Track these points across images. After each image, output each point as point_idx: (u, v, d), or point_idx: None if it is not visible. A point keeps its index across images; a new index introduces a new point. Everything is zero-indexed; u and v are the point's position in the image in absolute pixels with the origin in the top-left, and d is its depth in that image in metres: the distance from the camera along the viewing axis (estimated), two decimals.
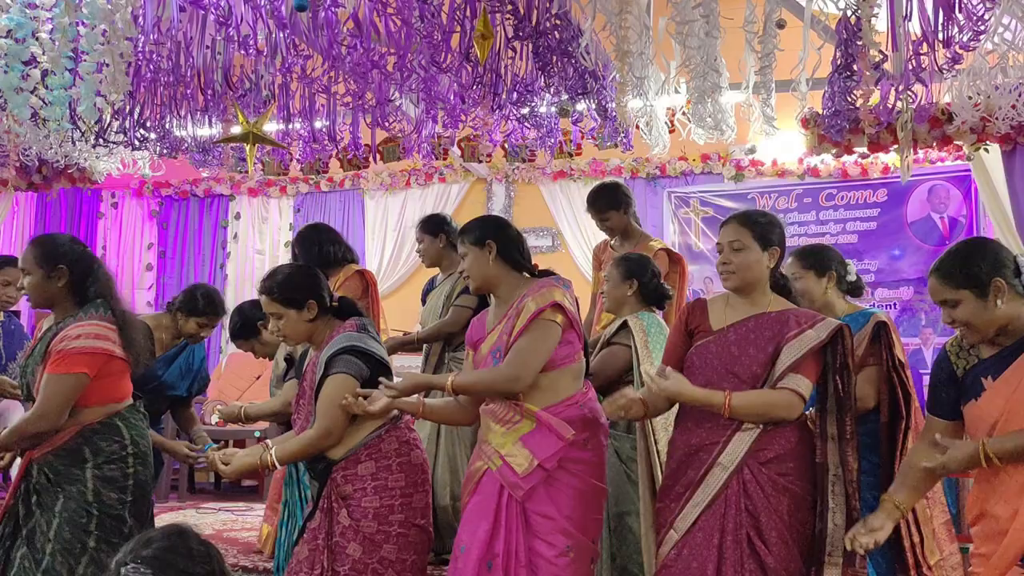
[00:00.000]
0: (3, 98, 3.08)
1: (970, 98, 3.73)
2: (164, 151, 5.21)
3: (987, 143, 4.73)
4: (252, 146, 4.12)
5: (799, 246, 3.48)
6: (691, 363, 2.61)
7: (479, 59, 3.28)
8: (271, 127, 4.85)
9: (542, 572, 2.59)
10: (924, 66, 3.19)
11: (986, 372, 2.26)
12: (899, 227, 6.64)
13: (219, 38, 3.67)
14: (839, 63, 3.37)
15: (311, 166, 5.69)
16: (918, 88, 3.42)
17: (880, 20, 3.17)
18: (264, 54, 3.72)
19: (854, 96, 3.67)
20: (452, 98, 4.44)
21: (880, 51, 3.19)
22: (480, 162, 6.15)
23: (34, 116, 3.59)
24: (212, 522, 5.66)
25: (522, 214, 7.46)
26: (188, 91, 4.23)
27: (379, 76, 3.85)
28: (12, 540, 2.75)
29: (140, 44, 3.55)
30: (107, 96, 3.09)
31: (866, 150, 5.01)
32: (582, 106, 4.66)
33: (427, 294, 4.58)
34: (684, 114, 4.36)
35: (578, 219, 7.22)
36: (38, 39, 3.01)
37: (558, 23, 3.61)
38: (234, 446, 4.10)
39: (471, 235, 2.84)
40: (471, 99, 4.33)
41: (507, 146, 5.44)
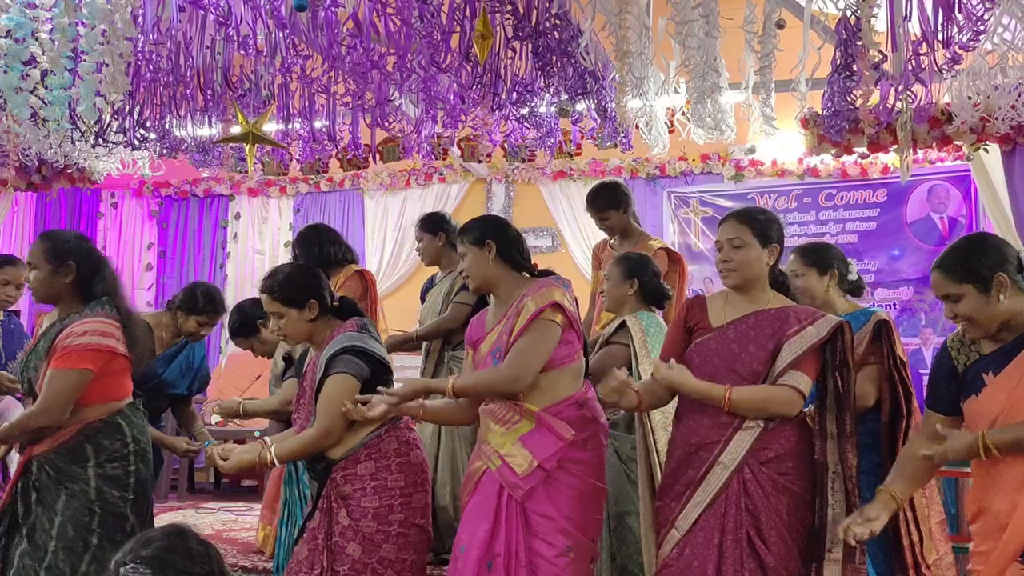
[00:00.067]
0: (3, 98, 3.08)
1: (970, 98, 3.73)
2: (164, 151, 5.21)
3: (987, 143, 4.73)
4: (252, 146, 4.12)
5: (798, 245, 3.48)
6: (691, 360, 2.60)
7: (479, 59, 3.28)
8: (271, 127, 4.85)
9: (542, 572, 2.59)
10: (924, 66, 3.19)
11: (987, 368, 2.26)
12: (899, 227, 6.64)
13: (219, 38, 3.67)
14: (839, 63, 3.37)
15: (311, 166, 5.69)
16: (918, 88, 3.42)
17: (880, 20, 3.17)
18: (264, 54, 3.73)
19: (854, 96, 3.67)
20: (452, 98, 4.44)
21: (880, 51, 3.19)
22: (480, 162, 6.15)
23: (34, 116, 3.59)
24: (212, 522, 5.66)
25: (522, 214, 7.45)
26: (188, 91, 4.23)
27: (379, 76, 3.85)
28: (10, 538, 2.75)
29: (140, 44, 3.55)
30: (107, 96, 3.10)
31: (866, 150, 5.02)
32: (582, 106, 4.66)
33: (426, 292, 4.58)
34: (684, 114, 4.36)
35: (578, 219, 7.22)
36: (38, 39, 3.01)
37: (558, 23, 3.62)
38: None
39: (470, 235, 2.84)
40: (471, 99, 4.33)
41: (507, 146, 5.44)
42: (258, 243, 8.17)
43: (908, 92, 3.39)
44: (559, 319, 2.69)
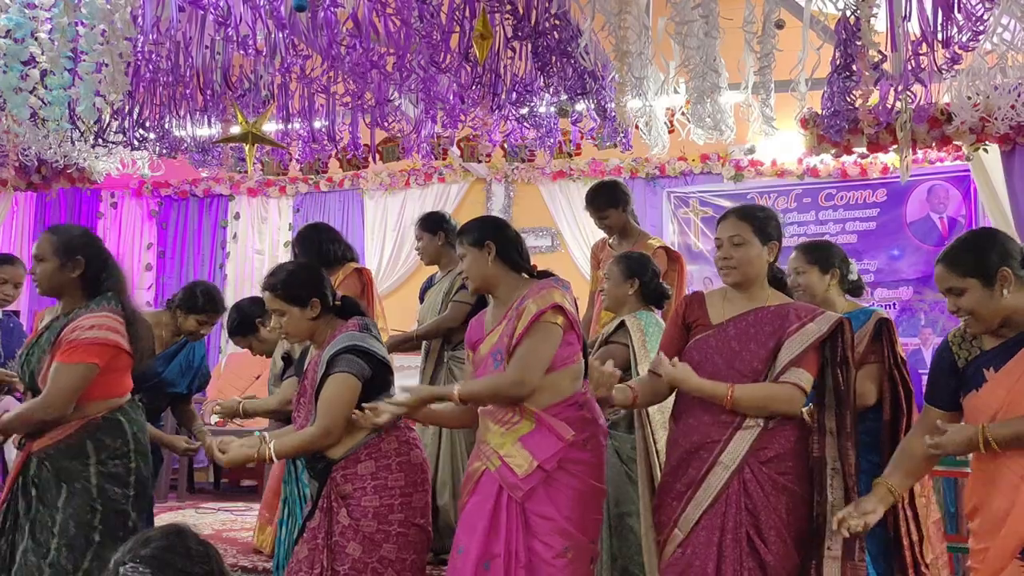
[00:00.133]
0: (2, 98, 3.08)
1: (969, 98, 3.73)
2: (163, 151, 5.21)
3: (986, 143, 4.74)
4: (251, 146, 4.12)
5: (801, 243, 3.48)
6: (690, 357, 2.60)
7: (478, 59, 3.28)
8: (270, 127, 4.85)
9: (541, 573, 2.58)
10: (923, 66, 3.19)
11: (988, 363, 2.27)
12: (898, 227, 6.64)
13: (218, 38, 3.67)
14: (838, 63, 3.37)
15: (310, 166, 5.69)
16: (917, 88, 3.42)
17: (879, 20, 3.18)
18: (263, 54, 3.73)
19: (853, 96, 3.67)
20: (451, 98, 4.44)
21: (879, 51, 3.19)
22: (479, 162, 6.16)
23: (33, 116, 3.60)
24: (211, 522, 5.66)
25: (521, 214, 7.46)
26: (187, 91, 4.24)
27: (378, 76, 3.85)
28: (13, 534, 2.75)
29: (139, 44, 3.55)
30: (106, 96, 3.10)
31: (865, 150, 5.02)
32: (581, 106, 4.66)
33: (425, 292, 4.58)
34: (683, 114, 4.36)
35: (577, 219, 7.22)
36: (37, 39, 3.01)
37: (557, 23, 3.62)
38: None
39: (470, 236, 2.84)
40: (470, 99, 4.33)
41: (506, 146, 5.44)
42: (258, 243, 8.17)
43: (908, 92, 3.39)
44: (560, 321, 2.69)
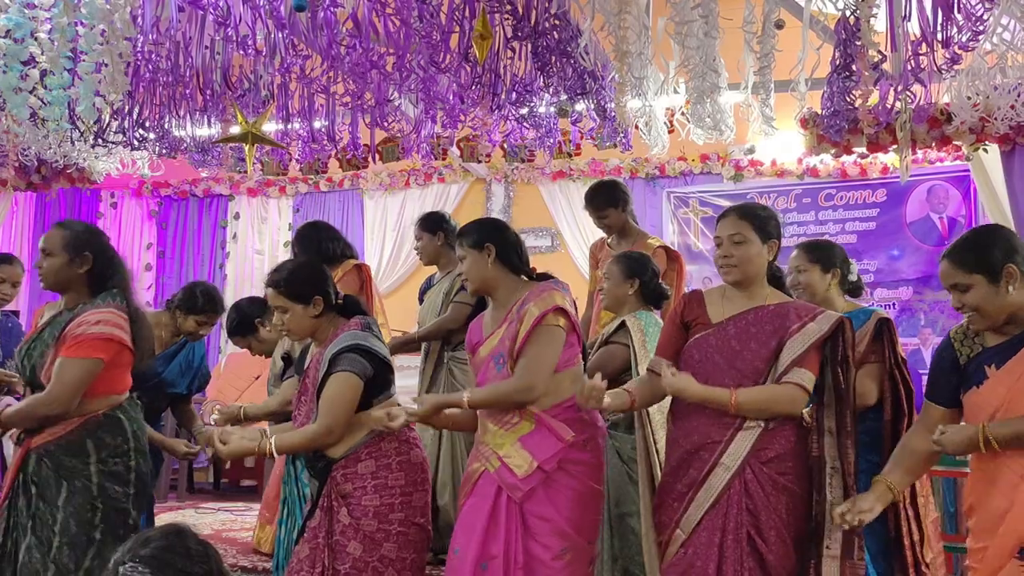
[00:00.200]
0: (2, 98, 3.08)
1: (969, 98, 3.72)
2: (163, 151, 5.21)
3: (986, 143, 4.74)
4: (251, 146, 4.12)
5: (803, 241, 3.48)
6: (690, 356, 2.59)
7: (478, 59, 3.28)
8: (270, 127, 4.85)
9: (538, 575, 2.58)
10: (923, 66, 3.19)
11: (990, 360, 2.27)
12: (898, 227, 6.64)
13: (218, 38, 3.67)
14: (838, 63, 3.37)
15: (310, 166, 5.69)
16: (917, 88, 3.41)
17: (879, 20, 3.17)
18: (263, 54, 3.73)
19: (853, 96, 3.67)
20: (451, 98, 4.44)
21: (879, 51, 3.19)
22: (479, 162, 6.16)
23: (33, 116, 3.60)
24: (211, 522, 5.66)
25: (521, 214, 7.46)
26: (187, 91, 4.23)
27: (378, 76, 3.85)
28: (16, 531, 2.74)
29: (139, 44, 3.55)
30: (106, 96, 3.10)
31: (865, 150, 5.02)
32: (581, 106, 4.66)
33: (424, 293, 4.58)
34: (683, 114, 4.36)
35: (577, 219, 7.22)
36: (37, 39, 3.01)
37: (557, 23, 3.62)
38: None
39: (470, 238, 2.83)
40: (470, 99, 4.33)
41: (506, 146, 5.44)
42: (257, 243, 8.17)
43: (907, 92, 3.39)
44: (562, 323, 2.69)
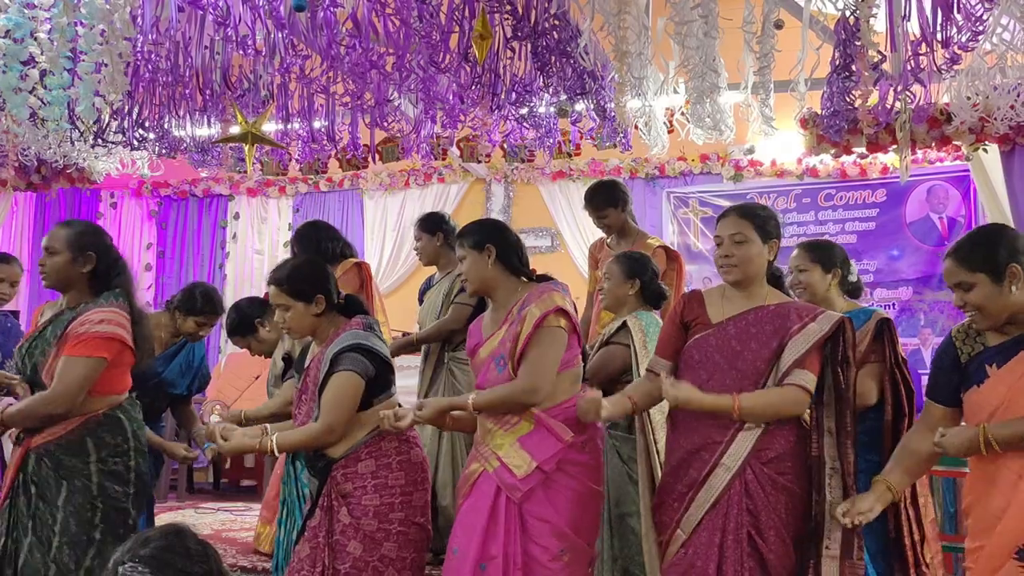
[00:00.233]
0: (2, 98, 3.08)
1: (969, 98, 3.72)
2: (163, 151, 5.21)
3: (986, 143, 4.74)
4: (251, 146, 4.12)
5: (804, 241, 3.48)
6: (690, 357, 2.59)
7: (478, 59, 3.28)
8: (270, 127, 4.85)
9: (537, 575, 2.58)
10: (923, 66, 3.19)
11: (991, 360, 2.27)
12: (898, 227, 6.64)
13: (218, 38, 3.67)
14: (838, 63, 3.37)
15: (310, 166, 5.69)
16: (917, 88, 3.41)
17: (879, 20, 3.17)
18: (263, 54, 3.73)
19: (853, 96, 3.67)
20: (451, 98, 4.44)
21: (879, 51, 3.19)
22: (479, 162, 6.16)
23: (33, 116, 3.60)
24: (211, 522, 5.66)
25: (521, 214, 7.46)
26: (187, 91, 4.23)
27: (378, 76, 3.85)
28: (16, 530, 2.75)
29: (139, 44, 3.55)
30: (106, 96, 3.10)
31: (865, 150, 5.02)
32: (581, 106, 4.66)
33: (424, 293, 4.58)
34: (683, 114, 4.35)
35: (577, 219, 7.22)
36: (36, 39, 3.01)
37: (557, 23, 3.61)
38: None
39: (470, 239, 2.83)
40: (470, 99, 4.33)
41: (506, 146, 5.44)
42: (257, 243, 8.17)
43: (907, 92, 3.39)
44: (564, 324, 2.69)
